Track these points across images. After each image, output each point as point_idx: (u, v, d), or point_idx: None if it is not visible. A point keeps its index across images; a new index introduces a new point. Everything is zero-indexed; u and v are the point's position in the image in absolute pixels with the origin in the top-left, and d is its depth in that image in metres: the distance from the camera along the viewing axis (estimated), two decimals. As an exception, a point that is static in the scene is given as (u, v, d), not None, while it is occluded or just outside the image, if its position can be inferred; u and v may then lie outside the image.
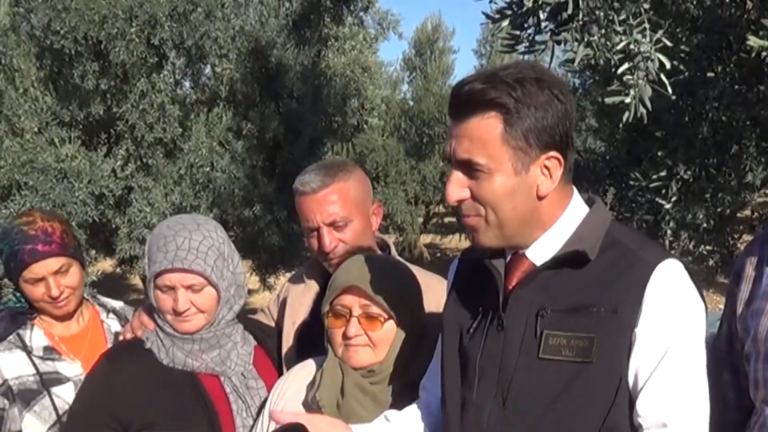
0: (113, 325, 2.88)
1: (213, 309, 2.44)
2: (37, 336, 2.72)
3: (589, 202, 1.89)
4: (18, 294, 2.75)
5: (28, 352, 2.68)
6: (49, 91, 7.55)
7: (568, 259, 1.79)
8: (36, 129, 7.35)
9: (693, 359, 1.73)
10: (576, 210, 1.85)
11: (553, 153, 1.76)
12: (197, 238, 2.39)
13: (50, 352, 2.70)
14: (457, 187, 1.79)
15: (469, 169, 1.77)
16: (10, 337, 2.68)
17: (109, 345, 2.78)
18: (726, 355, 2.00)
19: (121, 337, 2.63)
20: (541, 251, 1.84)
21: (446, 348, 1.97)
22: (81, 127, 7.83)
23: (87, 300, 2.89)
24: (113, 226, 7.92)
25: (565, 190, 1.84)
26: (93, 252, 8.22)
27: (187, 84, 8.61)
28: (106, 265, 10.37)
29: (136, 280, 12.67)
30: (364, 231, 2.64)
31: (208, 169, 7.79)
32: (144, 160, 7.93)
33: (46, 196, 6.93)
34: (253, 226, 8.39)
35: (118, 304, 2.97)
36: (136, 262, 8.01)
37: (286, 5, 8.45)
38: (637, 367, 1.72)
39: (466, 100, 1.76)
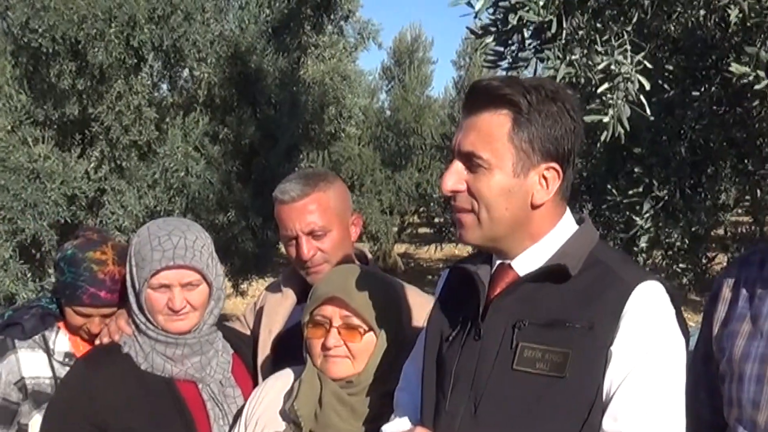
0: None
1: (204, 307, 2.46)
2: (61, 340, 2.69)
3: (579, 221, 1.91)
4: (54, 298, 2.74)
5: (50, 355, 2.65)
6: (23, 89, 7.46)
7: (550, 273, 1.80)
8: (9, 127, 7.26)
9: (667, 379, 1.74)
10: (566, 226, 1.87)
11: (553, 164, 1.79)
12: (191, 237, 2.42)
13: (71, 359, 2.66)
14: (455, 177, 1.81)
15: (471, 161, 1.79)
16: (36, 336, 2.66)
17: None
18: (702, 375, 2.02)
19: (98, 341, 2.61)
20: (526, 263, 1.85)
21: (427, 356, 1.98)
22: (55, 127, 7.75)
23: None
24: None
25: (558, 206, 1.86)
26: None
27: (164, 87, 8.55)
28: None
29: (106, 283, 12.50)
30: (342, 241, 2.66)
31: (183, 173, 7.74)
32: (118, 162, 7.85)
33: (17, 196, 6.85)
34: (227, 231, 8.34)
35: None
36: (107, 265, 7.90)
37: (267, 12, 8.43)
38: (609, 383, 1.72)
39: (482, 94, 1.79)
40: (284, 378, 2.37)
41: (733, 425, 1.85)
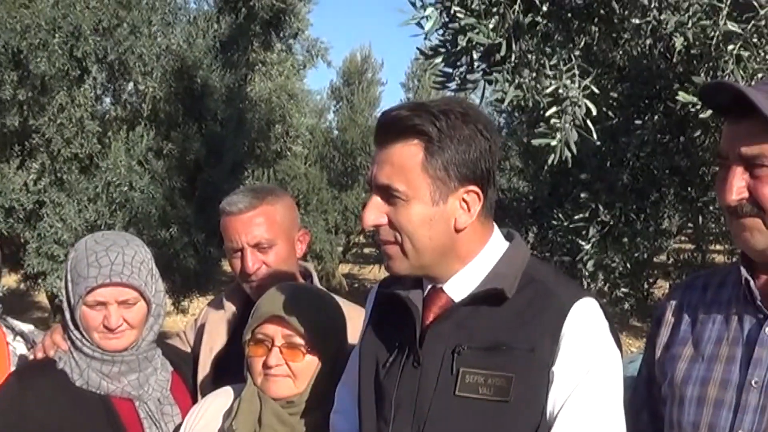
0: (19, 348, 2.75)
1: (142, 325, 2.40)
2: None
3: (509, 237, 1.90)
4: None
5: None
6: (-39, 99, 7.30)
7: (486, 297, 1.79)
8: (-55, 137, 7.11)
9: (607, 393, 1.75)
10: (495, 246, 1.86)
11: (472, 187, 1.77)
12: (129, 253, 2.37)
13: None
14: (375, 212, 1.80)
15: (388, 194, 1.77)
16: None
17: (13, 368, 2.66)
18: (645, 398, 2.03)
19: (31, 357, 2.53)
20: (458, 286, 1.83)
21: (363, 381, 1.95)
22: (-6, 137, 7.60)
23: None
24: (22, 240, 7.67)
25: (485, 226, 1.84)
26: (-1, 266, 7.91)
27: (107, 100, 8.45)
28: (11, 280, 10.00)
29: (41, 297, 12.23)
30: (288, 256, 2.65)
31: (126, 188, 7.63)
32: (59, 175, 7.73)
33: (-47, 207, 6.69)
34: (168, 247, 8.24)
35: (27, 327, 2.84)
36: (43, 279, 7.74)
37: (215, 27, 8.39)
38: (553, 403, 1.72)
39: (391, 126, 1.77)
40: (224, 396, 2.32)
41: (673, 447, 1.87)
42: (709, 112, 2.68)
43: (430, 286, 1.87)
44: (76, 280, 2.35)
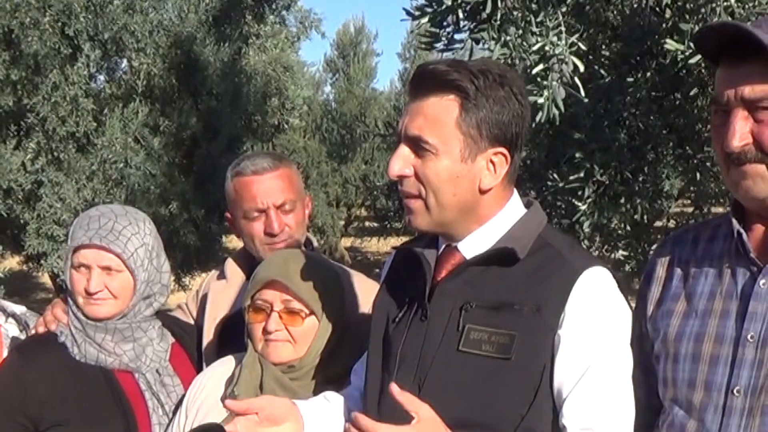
0: (11, 329, 2.76)
1: (127, 297, 2.40)
2: None
3: (527, 204, 1.92)
4: None
5: None
6: (-44, 79, 7.27)
7: (498, 257, 1.81)
8: (-59, 119, 7.08)
9: (618, 366, 1.78)
10: (513, 209, 1.87)
11: (501, 149, 1.79)
12: (122, 222, 2.38)
13: None
14: (402, 162, 1.80)
15: (417, 146, 1.78)
16: None
17: (5, 350, 2.67)
18: (637, 355, 2.02)
19: (33, 331, 2.54)
20: (473, 246, 1.85)
21: (372, 336, 1.97)
22: (-11, 118, 7.57)
23: None
24: (21, 221, 7.67)
25: (506, 190, 1.86)
26: (0, 248, 7.95)
27: (101, 77, 8.41)
28: (13, 262, 10.02)
29: (45, 279, 12.27)
30: (303, 220, 2.68)
31: (122, 165, 7.61)
32: (55, 154, 7.69)
33: (-50, 189, 6.68)
34: (168, 224, 8.23)
35: (19, 309, 2.84)
36: (44, 259, 7.76)
37: (206, 1, 8.33)
38: (562, 372, 1.74)
39: (429, 78, 1.78)
40: (226, 364, 2.34)
41: (668, 405, 1.86)
42: (698, 57, 2.64)
43: (445, 245, 1.89)
44: (69, 242, 2.39)
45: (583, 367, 1.74)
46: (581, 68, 2.69)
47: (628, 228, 4.21)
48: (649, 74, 3.56)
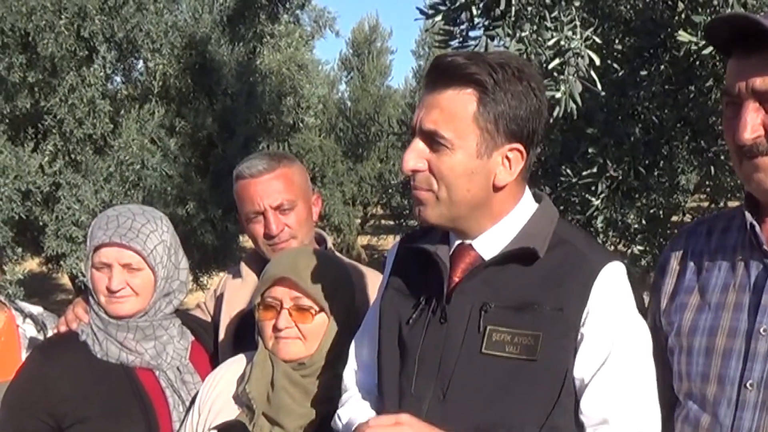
0: (29, 330, 2.79)
1: (148, 294, 2.42)
2: None
3: (537, 198, 1.89)
4: None
5: None
6: (-28, 83, 7.33)
7: (517, 256, 1.78)
8: (-41, 123, 7.15)
9: (637, 359, 1.76)
10: (526, 205, 1.85)
11: (517, 145, 1.75)
12: (141, 221, 2.40)
13: None
14: (415, 156, 1.76)
15: (433, 140, 1.74)
16: None
17: (24, 351, 2.69)
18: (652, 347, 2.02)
19: (55, 330, 2.57)
20: (488, 244, 1.82)
21: (384, 337, 1.93)
22: (7, 121, 7.64)
23: (3, 304, 2.79)
24: (40, 223, 7.73)
25: (520, 186, 1.83)
26: (20, 250, 8.02)
27: (118, 79, 8.47)
28: (33, 264, 10.10)
29: (64, 280, 12.36)
30: (307, 218, 2.67)
31: (138, 166, 7.66)
32: (72, 156, 7.76)
33: (-31, 192, 6.74)
34: (186, 224, 8.28)
35: (36, 309, 2.87)
36: (63, 261, 7.82)
37: (220, 1, 8.36)
38: (582, 366, 1.73)
39: (446, 71, 1.73)
40: (238, 363, 2.34)
41: (683, 399, 1.85)
42: (710, 49, 2.62)
43: (458, 242, 1.86)
44: (88, 243, 2.40)
45: (603, 360, 1.72)
46: (597, 62, 2.67)
47: (644, 223, 4.17)
48: (662, 67, 3.53)
